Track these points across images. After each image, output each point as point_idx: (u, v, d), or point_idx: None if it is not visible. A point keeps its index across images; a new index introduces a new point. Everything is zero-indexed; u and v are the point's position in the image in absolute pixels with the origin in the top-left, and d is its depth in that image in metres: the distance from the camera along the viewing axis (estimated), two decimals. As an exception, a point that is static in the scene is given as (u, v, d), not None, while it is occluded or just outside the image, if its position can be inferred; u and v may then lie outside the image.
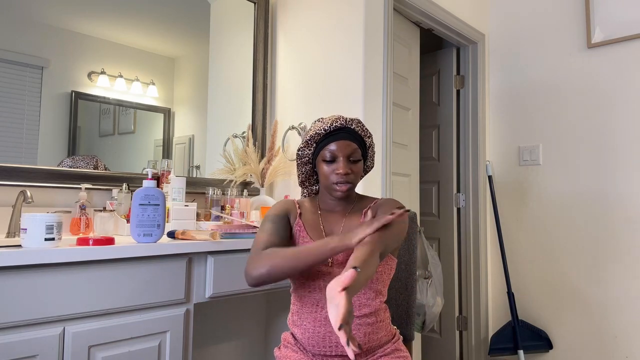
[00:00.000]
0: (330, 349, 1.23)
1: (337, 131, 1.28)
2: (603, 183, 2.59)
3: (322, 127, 1.28)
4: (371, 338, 1.26)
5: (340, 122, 1.28)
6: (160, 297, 1.41)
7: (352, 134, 1.29)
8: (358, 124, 1.31)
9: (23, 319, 1.15)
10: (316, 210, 1.35)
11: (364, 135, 1.32)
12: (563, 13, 2.78)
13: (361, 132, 1.31)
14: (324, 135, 1.29)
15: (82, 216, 1.67)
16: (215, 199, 2.03)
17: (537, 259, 2.80)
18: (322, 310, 1.25)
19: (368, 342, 1.25)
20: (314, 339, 1.24)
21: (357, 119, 1.32)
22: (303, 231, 1.32)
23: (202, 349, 2.07)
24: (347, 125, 1.29)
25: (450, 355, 2.92)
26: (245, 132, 2.38)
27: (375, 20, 2.19)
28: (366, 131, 1.33)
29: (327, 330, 1.23)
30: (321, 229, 1.32)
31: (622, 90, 2.56)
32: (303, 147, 1.32)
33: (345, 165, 1.26)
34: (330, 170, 1.27)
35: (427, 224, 3.08)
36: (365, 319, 1.25)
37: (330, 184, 1.28)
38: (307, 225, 1.33)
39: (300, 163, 1.36)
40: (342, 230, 1.31)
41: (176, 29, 2.15)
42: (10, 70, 1.67)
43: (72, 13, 1.83)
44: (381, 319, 1.29)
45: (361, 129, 1.31)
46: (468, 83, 2.98)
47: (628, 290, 2.49)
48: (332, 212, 1.35)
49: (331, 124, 1.28)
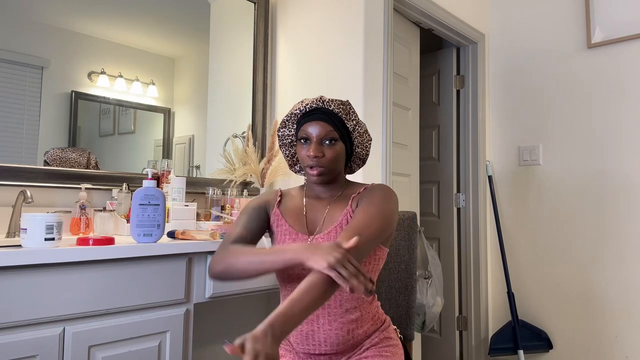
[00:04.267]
0: (314, 347, 1.21)
1: (313, 111, 1.22)
2: (603, 183, 2.59)
3: (299, 107, 1.23)
4: (355, 334, 1.22)
5: (317, 102, 1.22)
6: (160, 297, 1.41)
7: (329, 115, 1.21)
8: (340, 105, 1.22)
9: (23, 319, 1.15)
10: (302, 197, 1.31)
11: (345, 119, 1.23)
12: (563, 13, 2.78)
13: (342, 114, 1.22)
14: (301, 115, 1.24)
15: (82, 216, 1.67)
16: (215, 199, 2.03)
17: (537, 259, 2.80)
18: None
19: (352, 338, 1.21)
20: (298, 337, 1.23)
21: (345, 102, 1.24)
22: (281, 219, 1.27)
23: (202, 349, 2.07)
24: (325, 105, 1.21)
25: (450, 355, 2.92)
26: (245, 132, 2.38)
27: (375, 20, 2.19)
28: (351, 114, 1.24)
29: (310, 329, 1.21)
30: (303, 215, 1.27)
31: (622, 90, 2.56)
32: (281, 127, 1.29)
33: (315, 147, 1.19)
34: (304, 152, 1.22)
35: (427, 224, 3.08)
36: (348, 316, 1.20)
37: (304, 166, 1.23)
38: (287, 213, 1.28)
39: (281, 144, 1.32)
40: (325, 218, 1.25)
41: (176, 29, 2.15)
42: (10, 70, 1.67)
43: (72, 13, 1.83)
44: (366, 311, 1.24)
45: (343, 110, 1.22)
46: (468, 83, 2.98)
47: (628, 291, 2.49)
48: (318, 198, 1.29)
49: (307, 104, 1.22)
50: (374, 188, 1.25)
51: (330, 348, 1.20)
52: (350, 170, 1.36)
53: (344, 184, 1.31)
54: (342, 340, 1.20)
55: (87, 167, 1.83)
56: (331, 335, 1.20)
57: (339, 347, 1.21)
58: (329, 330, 1.20)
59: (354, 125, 1.25)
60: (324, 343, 1.20)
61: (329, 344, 1.20)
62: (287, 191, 1.35)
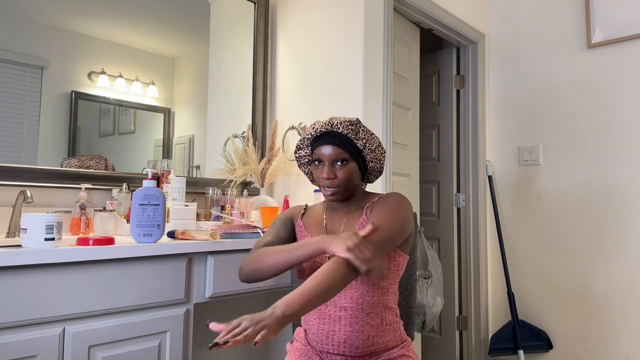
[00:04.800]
0: (333, 347, 1.24)
1: (323, 135, 1.28)
2: (603, 183, 2.59)
3: (310, 132, 1.31)
4: (375, 341, 1.24)
5: (326, 126, 1.27)
6: (160, 297, 1.41)
7: (338, 137, 1.27)
8: (349, 126, 1.27)
9: (23, 319, 1.15)
10: (323, 210, 1.39)
11: (354, 139, 1.28)
12: (563, 13, 2.78)
13: (351, 134, 1.27)
14: (313, 139, 1.31)
15: (82, 216, 1.67)
16: (215, 199, 2.03)
17: (537, 258, 2.80)
18: (326, 307, 1.26)
19: (371, 345, 1.24)
20: (318, 335, 1.26)
21: (353, 121, 1.28)
22: (304, 231, 1.36)
23: (202, 349, 2.07)
24: (333, 129, 1.27)
25: (450, 355, 2.92)
26: (245, 132, 2.38)
27: (375, 20, 2.19)
28: (361, 133, 1.29)
29: (331, 329, 1.24)
30: (324, 227, 1.34)
31: (622, 90, 2.56)
32: (297, 149, 1.37)
33: (328, 170, 1.26)
34: (318, 173, 1.29)
35: (427, 224, 3.08)
36: (369, 320, 1.24)
37: (320, 186, 1.32)
38: (310, 224, 1.37)
39: (300, 164, 1.40)
40: (343, 229, 1.32)
41: (176, 29, 2.15)
42: (10, 70, 1.67)
43: (72, 13, 1.83)
44: (388, 322, 1.27)
45: (352, 130, 1.27)
46: (468, 83, 2.98)
47: (628, 291, 2.49)
48: (336, 210, 1.36)
49: (317, 128, 1.29)
50: (388, 196, 1.32)
51: (349, 350, 1.23)
52: (368, 181, 1.41)
53: (362, 195, 1.38)
54: (362, 344, 1.23)
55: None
56: (351, 337, 1.23)
57: (357, 350, 1.23)
58: (349, 332, 1.23)
59: (364, 144, 1.30)
60: (343, 344, 1.23)
61: (348, 345, 1.23)
62: (312, 206, 1.45)
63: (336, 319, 1.24)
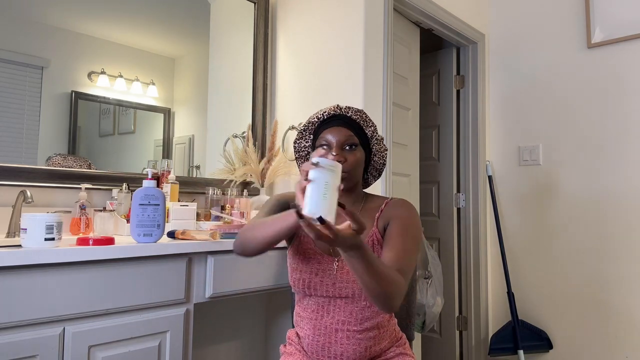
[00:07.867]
0: (329, 359, 1.21)
1: (331, 119, 1.22)
2: (603, 183, 2.59)
3: (316, 116, 1.24)
4: (372, 350, 1.22)
5: (335, 109, 1.22)
6: (160, 297, 1.41)
7: (348, 121, 1.21)
8: (357, 112, 1.23)
9: (23, 319, 1.15)
10: None
11: (364, 125, 1.24)
12: (563, 13, 2.78)
13: (360, 121, 1.23)
14: (319, 124, 1.24)
15: (82, 216, 1.67)
16: (215, 199, 2.03)
17: (537, 258, 2.80)
18: (322, 318, 1.21)
19: (368, 355, 1.22)
20: (313, 346, 1.22)
21: (360, 110, 1.25)
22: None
23: (202, 349, 2.07)
24: (343, 112, 1.22)
25: (450, 355, 2.92)
26: (245, 132, 2.38)
27: (375, 21, 2.19)
28: (368, 121, 1.25)
29: (327, 342, 1.20)
30: None
31: (622, 90, 2.56)
32: (298, 138, 1.29)
33: (338, 152, 1.18)
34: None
35: (427, 224, 3.08)
36: (367, 333, 1.21)
37: None
38: None
39: (298, 157, 1.32)
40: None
41: (176, 29, 2.15)
42: (10, 70, 1.67)
43: (72, 13, 1.83)
44: (384, 329, 1.25)
45: (360, 117, 1.23)
46: (468, 83, 2.98)
47: (628, 290, 2.49)
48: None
49: (325, 111, 1.23)
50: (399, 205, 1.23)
51: None
52: (365, 183, 1.34)
53: (363, 197, 1.29)
54: (359, 356, 1.20)
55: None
56: (348, 350, 1.19)
57: None
58: (346, 345, 1.19)
59: (373, 132, 1.25)
60: (339, 356, 1.19)
61: (345, 357, 1.20)
62: None
63: (332, 332, 1.20)
